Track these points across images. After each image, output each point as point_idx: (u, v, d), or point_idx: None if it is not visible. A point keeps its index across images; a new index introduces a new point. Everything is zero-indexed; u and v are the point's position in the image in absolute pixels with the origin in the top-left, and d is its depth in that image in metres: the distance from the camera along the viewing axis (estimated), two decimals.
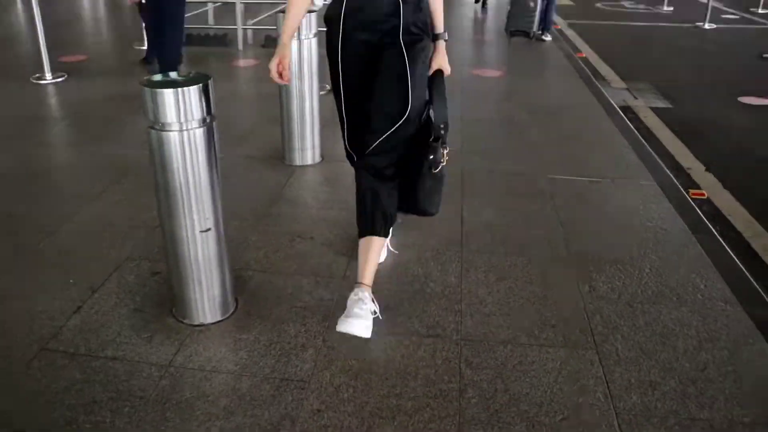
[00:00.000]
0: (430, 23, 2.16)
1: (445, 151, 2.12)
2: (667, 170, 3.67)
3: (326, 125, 3.56)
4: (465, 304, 2.28)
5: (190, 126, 1.82)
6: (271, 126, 3.90)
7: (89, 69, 5.75)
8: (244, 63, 6.10)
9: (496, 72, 5.93)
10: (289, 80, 2.20)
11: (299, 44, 3.28)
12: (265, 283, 2.40)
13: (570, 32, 8.38)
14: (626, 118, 4.62)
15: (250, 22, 6.94)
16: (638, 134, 4.27)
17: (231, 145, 3.70)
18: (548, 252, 2.69)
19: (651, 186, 3.40)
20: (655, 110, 5.15)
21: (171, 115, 1.78)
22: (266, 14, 7.22)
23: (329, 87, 2.39)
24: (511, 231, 2.86)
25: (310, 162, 3.61)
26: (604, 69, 6.46)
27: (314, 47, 3.39)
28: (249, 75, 5.80)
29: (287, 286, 2.37)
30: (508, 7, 7.61)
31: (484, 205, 3.10)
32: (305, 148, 3.57)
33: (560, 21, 9.09)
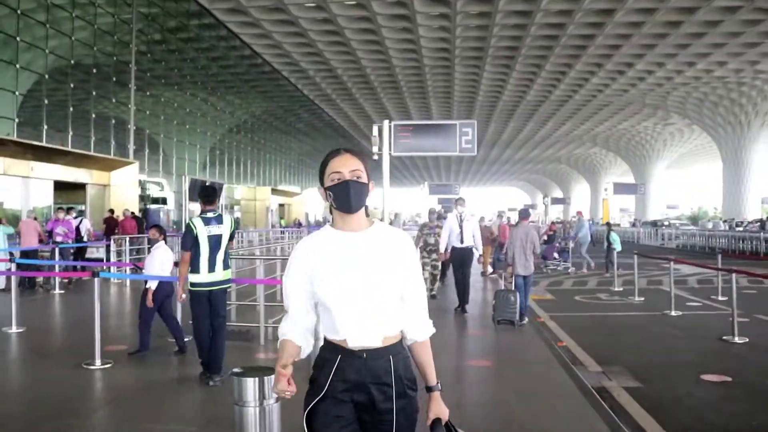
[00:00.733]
0: (422, 377, 2.25)
1: None
2: None
3: None
4: None
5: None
6: None
7: (131, 358, 6.64)
8: (264, 356, 6.97)
9: (485, 362, 6.80)
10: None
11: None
12: None
13: (552, 324, 9.45)
14: (599, 397, 5.36)
15: (271, 321, 7.97)
16: (609, 410, 4.99)
17: None
18: None
19: None
20: (628, 389, 5.90)
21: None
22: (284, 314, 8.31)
23: None
24: None
25: None
26: (582, 355, 7.34)
27: None
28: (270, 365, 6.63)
29: None
30: (493, 302, 8.94)
31: None
32: None
33: (543, 314, 10.27)
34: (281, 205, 43.72)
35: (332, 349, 2.13)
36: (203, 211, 5.87)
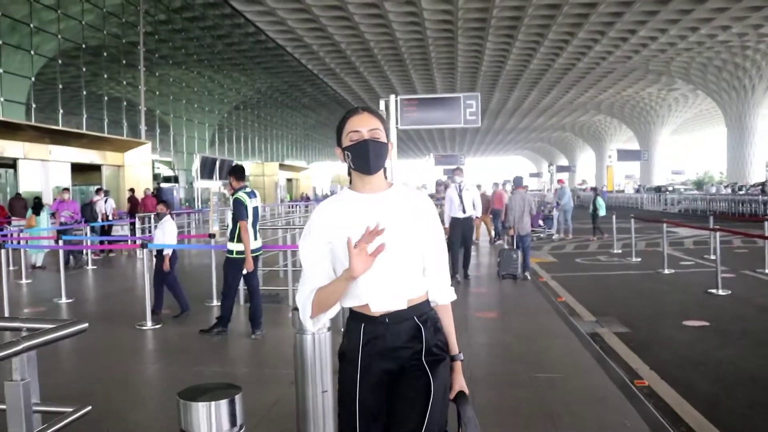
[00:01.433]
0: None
1: None
2: (618, 369, 5.22)
3: None
4: None
5: None
6: None
7: (177, 321, 7.55)
8: (291, 315, 7.86)
9: (491, 313, 7.70)
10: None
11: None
12: None
13: (553, 283, 10.32)
14: (591, 340, 6.25)
15: (297, 284, 8.86)
16: (599, 348, 5.88)
17: None
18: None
19: (601, 376, 4.94)
20: (617, 334, 6.79)
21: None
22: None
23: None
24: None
25: None
26: (579, 308, 8.22)
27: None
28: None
29: None
30: (498, 259, 10.19)
31: (488, 389, 4.62)
32: None
33: (545, 274, 11.15)
34: (289, 180, 44.56)
35: (356, 318, 2.13)
36: (240, 187, 6.70)
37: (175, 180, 28.94)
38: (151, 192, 19.24)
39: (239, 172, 6.84)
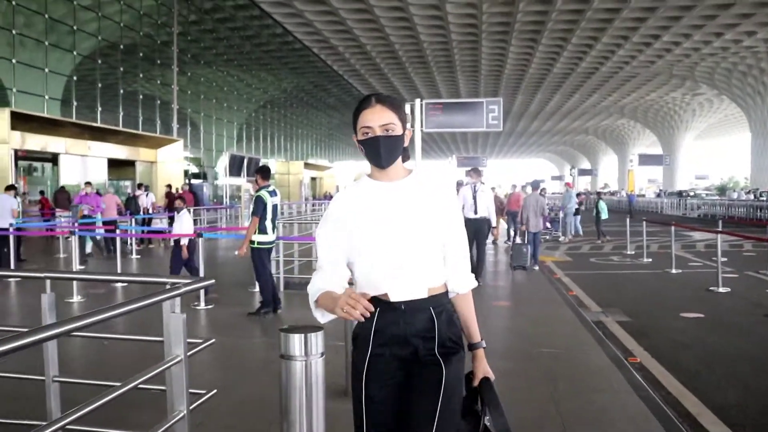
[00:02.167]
0: (465, 333, 2.23)
1: None
2: (614, 348, 6.07)
3: None
4: None
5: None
6: None
7: (225, 301, 8.51)
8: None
9: (506, 303, 8.59)
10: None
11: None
12: None
13: (566, 279, 11.17)
14: (595, 326, 7.11)
15: None
16: (601, 333, 6.74)
17: None
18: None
19: (598, 352, 5.81)
20: (619, 322, 7.63)
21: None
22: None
23: None
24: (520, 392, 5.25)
25: None
26: (587, 301, 9.07)
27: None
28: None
29: None
30: (510, 252, 11.64)
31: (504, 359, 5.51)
32: None
33: (559, 272, 11.99)
34: (313, 179, 45.65)
35: (373, 303, 2.01)
36: (264, 186, 7.68)
37: (203, 177, 30.11)
38: (188, 188, 20.32)
39: (265, 172, 7.91)
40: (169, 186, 20.13)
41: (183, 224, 9.22)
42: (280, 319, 7.54)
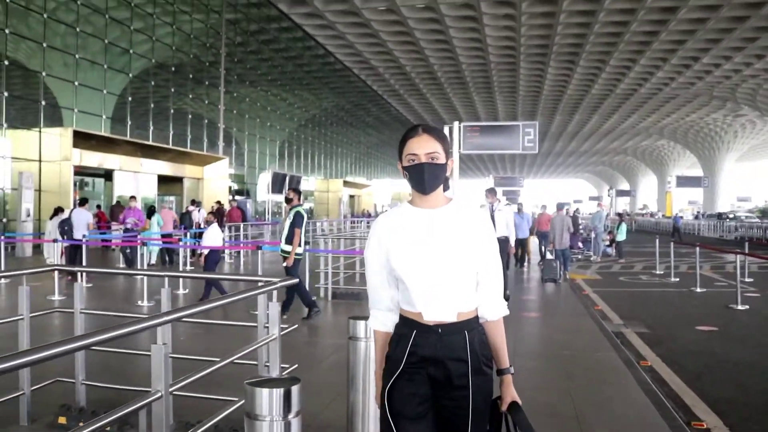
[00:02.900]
0: (494, 358, 2.31)
1: None
2: (628, 353, 6.90)
3: None
4: None
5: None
6: None
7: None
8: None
9: (535, 314, 9.45)
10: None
11: None
12: None
13: (594, 295, 11.95)
14: (613, 334, 7.92)
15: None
16: (618, 341, 7.55)
17: None
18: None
19: (613, 356, 6.65)
20: (638, 333, 8.42)
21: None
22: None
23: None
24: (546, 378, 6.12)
25: None
26: (611, 314, 9.87)
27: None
28: None
29: None
30: (542, 266, 12.88)
31: (532, 357, 6.39)
32: None
33: (588, 288, 12.78)
34: (351, 197, 46.87)
35: (408, 324, 2.24)
36: (299, 203, 8.93)
37: (247, 194, 31.47)
38: (236, 204, 21.59)
39: (300, 192, 9.31)
40: (219, 202, 21.37)
41: (208, 236, 10.38)
42: (324, 319, 8.52)
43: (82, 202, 14.16)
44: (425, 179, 2.24)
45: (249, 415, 2.41)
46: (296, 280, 5.47)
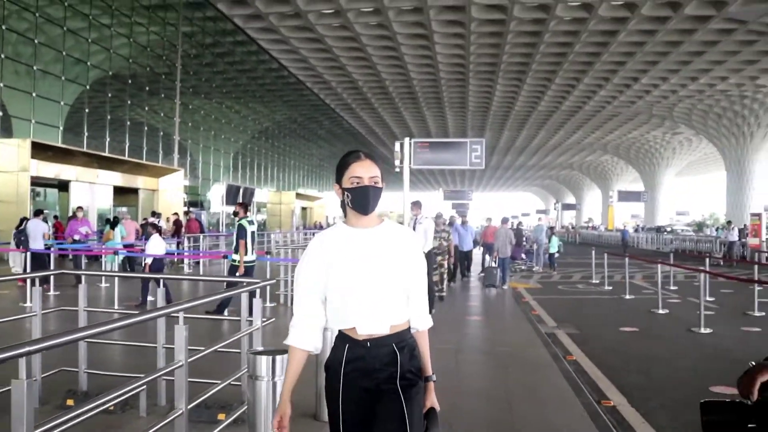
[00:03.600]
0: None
1: None
2: (557, 349, 7.95)
3: None
4: None
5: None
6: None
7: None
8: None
9: (478, 317, 10.47)
10: None
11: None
12: None
13: (533, 302, 13.07)
14: (546, 335, 8.98)
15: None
16: (548, 339, 8.61)
17: None
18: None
19: (543, 352, 7.69)
20: (568, 334, 9.52)
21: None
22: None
23: None
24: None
25: None
26: (546, 318, 10.98)
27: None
28: None
29: None
30: (482, 274, 14.32)
31: (476, 356, 7.36)
32: None
33: (528, 296, 13.91)
34: (303, 209, 47.56)
35: (342, 338, 2.41)
36: (244, 216, 10.06)
37: (201, 205, 31.94)
38: (193, 216, 22.18)
39: (247, 204, 10.80)
40: (176, 214, 21.92)
41: (150, 245, 11.43)
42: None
43: (37, 213, 14.66)
44: (369, 201, 2.41)
45: (251, 376, 3.47)
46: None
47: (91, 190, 23.41)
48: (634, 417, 5.55)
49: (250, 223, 10.12)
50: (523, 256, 22.55)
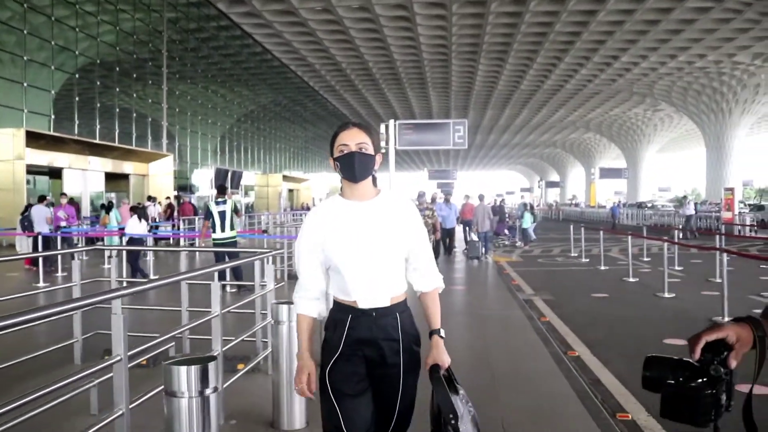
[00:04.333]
0: (428, 322, 2.50)
1: None
2: (532, 312, 8.89)
3: None
4: None
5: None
6: None
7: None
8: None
9: (461, 287, 11.43)
10: (313, 393, 2.40)
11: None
12: None
13: (514, 273, 14.05)
14: (524, 302, 9.93)
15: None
16: (525, 304, 9.56)
17: None
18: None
19: (520, 314, 8.64)
20: (544, 300, 10.48)
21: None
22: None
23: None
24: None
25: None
26: (525, 287, 11.96)
27: None
28: None
29: None
30: (466, 246, 15.27)
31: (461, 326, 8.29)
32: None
33: (509, 268, 14.88)
34: (290, 191, 48.32)
35: (343, 310, 2.42)
36: (219, 198, 10.90)
37: (189, 189, 32.62)
38: (188, 200, 22.96)
39: (222, 189, 11.46)
40: (169, 198, 22.65)
41: (131, 227, 12.54)
42: None
43: (40, 199, 15.39)
44: (355, 167, 2.38)
45: (276, 321, 4.35)
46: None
47: (83, 176, 24.05)
48: (595, 363, 6.50)
49: (218, 203, 10.77)
50: (506, 231, 23.59)
